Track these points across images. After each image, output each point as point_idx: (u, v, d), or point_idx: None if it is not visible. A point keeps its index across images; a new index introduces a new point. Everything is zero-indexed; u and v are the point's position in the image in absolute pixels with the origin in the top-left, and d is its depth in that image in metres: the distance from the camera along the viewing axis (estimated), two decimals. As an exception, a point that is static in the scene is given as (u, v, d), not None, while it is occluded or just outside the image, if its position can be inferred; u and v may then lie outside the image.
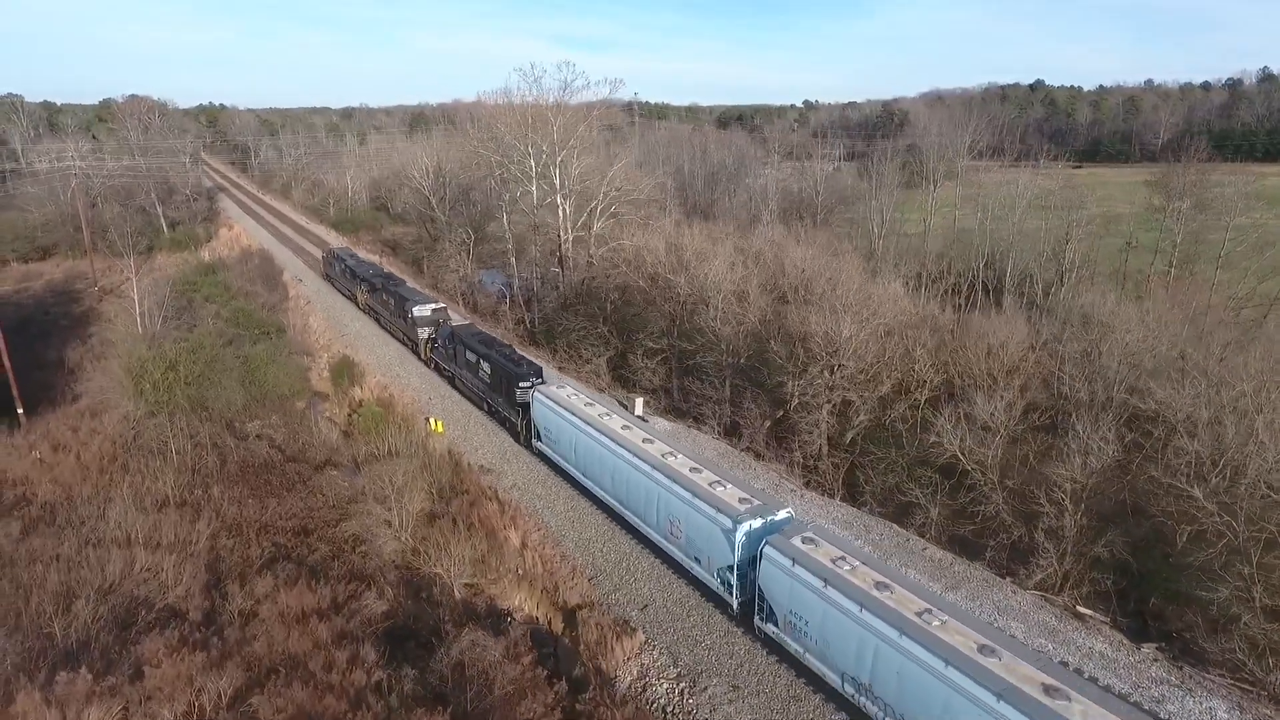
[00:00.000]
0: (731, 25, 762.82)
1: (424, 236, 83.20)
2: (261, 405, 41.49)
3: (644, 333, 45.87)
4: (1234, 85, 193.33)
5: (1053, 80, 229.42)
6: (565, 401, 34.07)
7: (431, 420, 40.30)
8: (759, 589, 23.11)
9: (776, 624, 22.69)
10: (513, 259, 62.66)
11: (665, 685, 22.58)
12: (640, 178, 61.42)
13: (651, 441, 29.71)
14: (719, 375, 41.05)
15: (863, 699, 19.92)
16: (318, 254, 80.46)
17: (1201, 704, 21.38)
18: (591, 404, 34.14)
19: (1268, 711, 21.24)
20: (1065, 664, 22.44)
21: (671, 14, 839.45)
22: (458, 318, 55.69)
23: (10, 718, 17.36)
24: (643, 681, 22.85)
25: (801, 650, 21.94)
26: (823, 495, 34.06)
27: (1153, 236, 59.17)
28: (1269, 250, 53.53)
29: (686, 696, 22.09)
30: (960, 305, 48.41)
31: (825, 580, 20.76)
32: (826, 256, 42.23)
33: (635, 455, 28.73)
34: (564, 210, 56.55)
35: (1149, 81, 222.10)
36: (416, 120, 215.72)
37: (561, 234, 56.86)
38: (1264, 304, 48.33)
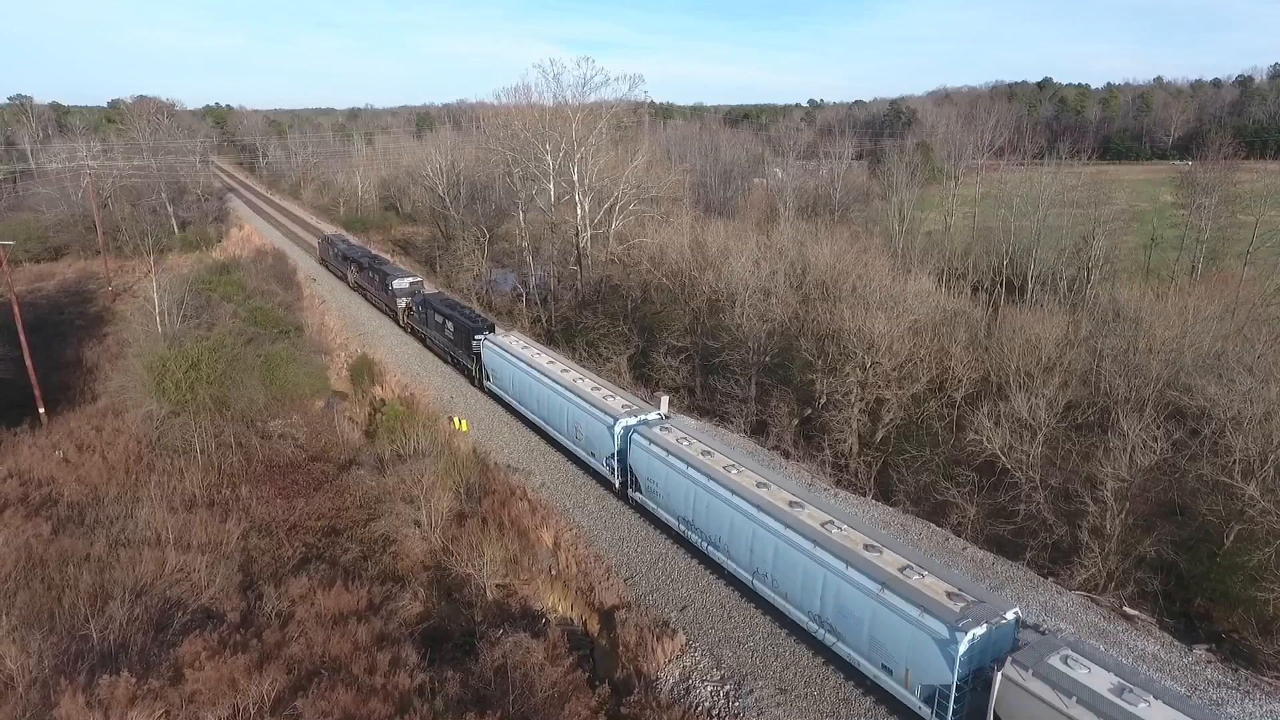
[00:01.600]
0: (737, 27, 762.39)
1: (437, 236, 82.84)
2: (282, 404, 41.19)
3: (667, 331, 45.39)
4: (1245, 82, 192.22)
5: (1061, 79, 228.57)
6: (508, 347, 41.73)
7: (455, 419, 39.92)
8: (629, 467, 30.96)
9: (640, 491, 30.60)
10: (529, 257, 62.25)
11: (709, 688, 22.13)
12: (662, 173, 60.95)
13: (568, 371, 37.91)
14: (744, 373, 40.58)
15: (688, 531, 28.03)
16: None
17: (1262, 707, 20.88)
18: (528, 346, 42.03)
19: (1329, 714, 20.74)
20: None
21: (678, 15, 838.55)
22: (430, 288, 61.13)
23: (54, 721, 17.02)
24: (686, 684, 22.41)
25: (655, 506, 29.83)
26: (855, 494, 33.59)
27: (1176, 233, 58.55)
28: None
29: (732, 699, 21.65)
30: (986, 302, 47.89)
31: (667, 450, 28.81)
32: (854, 252, 41.71)
33: (553, 380, 36.94)
34: (582, 207, 56.13)
35: (1158, 79, 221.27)
36: (422, 121, 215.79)
37: (579, 231, 56.43)
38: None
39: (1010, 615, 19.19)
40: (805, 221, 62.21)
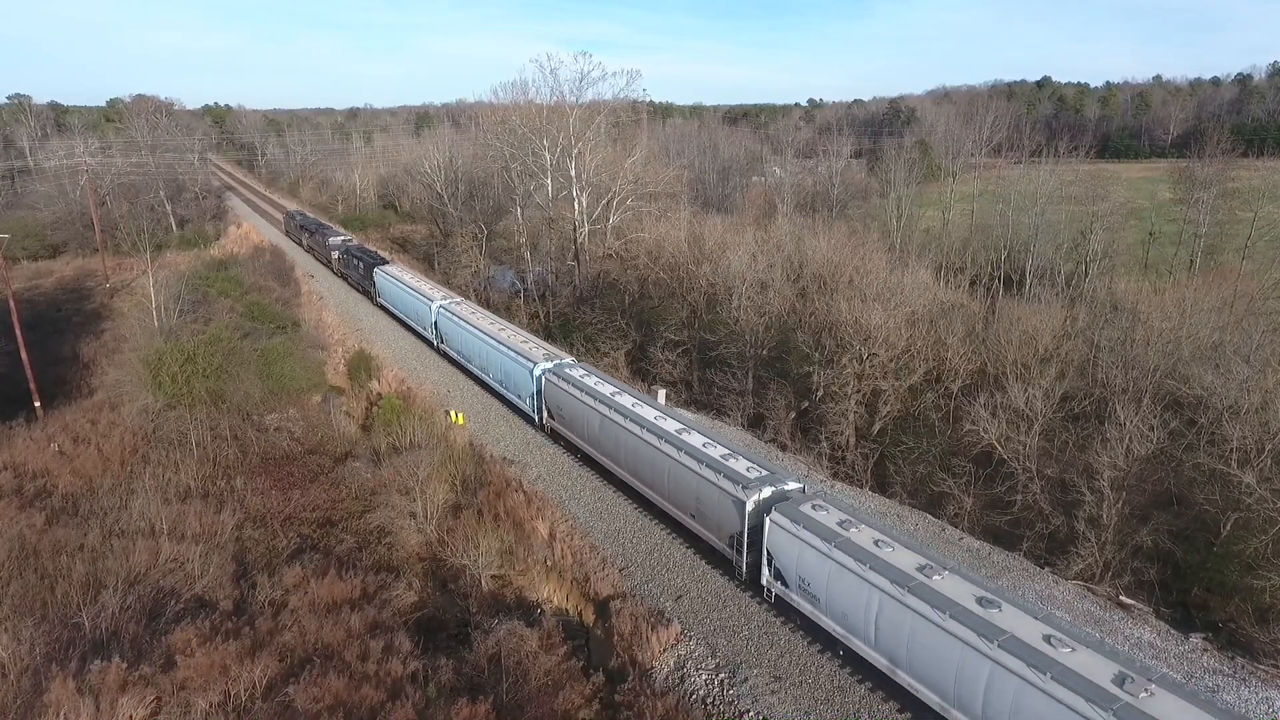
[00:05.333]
0: (738, 27, 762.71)
1: (435, 233, 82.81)
2: (279, 399, 41.11)
3: (664, 325, 45.35)
4: (1244, 80, 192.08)
5: (1060, 78, 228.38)
6: (393, 273, 59.75)
7: (452, 413, 39.83)
8: (440, 333, 49.59)
9: (442, 342, 49.50)
10: (527, 253, 62.18)
11: (704, 676, 22.06)
12: (660, 169, 60.90)
13: (421, 283, 55.98)
14: (742, 367, 40.52)
15: (449, 351, 48.20)
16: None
17: (1258, 694, 20.83)
18: (402, 270, 61.40)
19: (1326, 702, 20.67)
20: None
21: (679, 15, 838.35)
22: (356, 242, 79.55)
23: (44, 706, 16.93)
24: (680, 672, 22.33)
25: (446, 347, 49.21)
26: (851, 486, 33.52)
27: (1174, 228, 58.50)
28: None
29: (726, 687, 21.58)
30: (983, 296, 47.84)
31: (458, 315, 47.13)
32: (852, 245, 41.65)
33: (407, 286, 54.87)
34: (579, 203, 56.04)
35: (1157, 78, 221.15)
36: (422, 120, 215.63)
37: (576, 227, 56.36)
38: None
39: (545, 368, 37.48)
40: (803, 217, 62.18)
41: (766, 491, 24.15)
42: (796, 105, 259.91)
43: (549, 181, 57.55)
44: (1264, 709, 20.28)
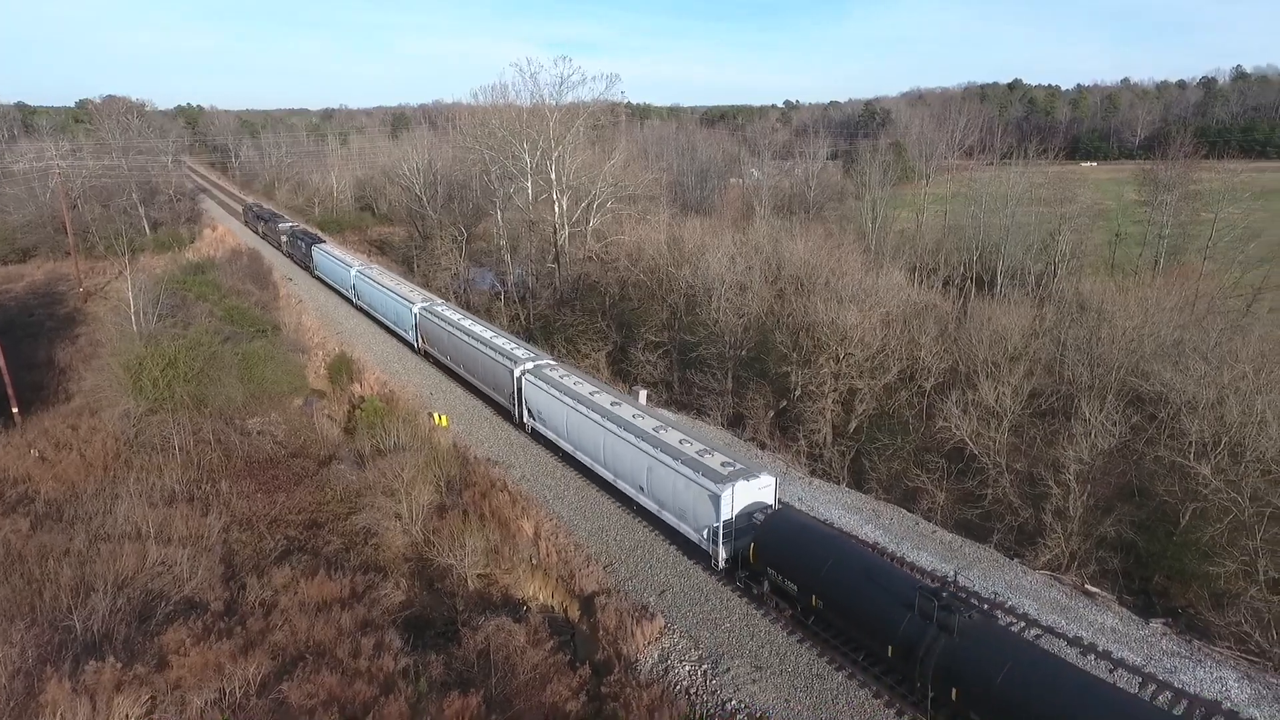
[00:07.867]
0: (717, 28, 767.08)
1: (414, 235, 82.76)
2: (260, 403, 41.19)
3: (644, 326, 45.99)
4: (1209, 83, 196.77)
5: (1031, 80, 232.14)
6: (329, 250, 72.50)
7: (435, 414, 40.17)
8: (357, 290, 62.08)
9: (361, 300, 61.86)
10: (508, 256, 62.50)
11: (687, 667, 22.72)
12: (639, 172, 61.54)
13: (348, 256, 69.65)
14: (721, 367, 41.26)
15: (358, 301, 62.83)
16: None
17: (1212, 674, 21.87)
18: (334, 248, 74.45)
19: (1275, 680, 21.76)
20: (1080, 641, 22.92)
21: (659, 16, 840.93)
22: (300, 227, 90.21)
23: (40, 707, 17.18)
24: (664, 664, 22.97)
25: (359, 300, 61.77)
26: (829, 482, 34.38)
27: (1140, 229, 60.21)
28: (1253, 242, 54.86)
29: (709, 677, 22.25)
30: (956, 296, 49.04)
31: (368, 277, 60.61)
32: (828, 247, 42.59)
33: (341, 261, 66.63)
34: (560, 206, 56.51)
35: (1125, 80, 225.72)
36: (398, 121, 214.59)
37: (557, 230, 56.82)
38: (1248, 293, 49.41)
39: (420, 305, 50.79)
40: (780, 219, 63.11)
41: (530, 365, 37.72)
42: (773, 106, 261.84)
43: (529, 184, 57.94)
44: (1218, 689, 21.32)
